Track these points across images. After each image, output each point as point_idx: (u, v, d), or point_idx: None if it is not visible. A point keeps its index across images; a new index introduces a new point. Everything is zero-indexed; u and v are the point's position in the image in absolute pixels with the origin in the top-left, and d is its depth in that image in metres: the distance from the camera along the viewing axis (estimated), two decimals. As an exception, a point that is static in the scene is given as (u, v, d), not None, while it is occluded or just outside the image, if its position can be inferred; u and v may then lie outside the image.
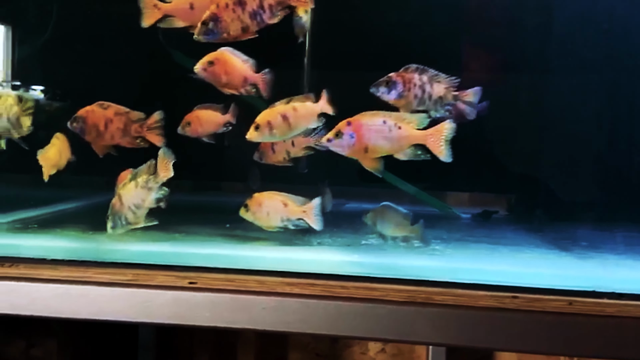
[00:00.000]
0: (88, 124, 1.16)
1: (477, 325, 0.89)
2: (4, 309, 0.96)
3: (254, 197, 1.14)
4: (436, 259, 1.05)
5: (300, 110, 1.11)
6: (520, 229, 1.40)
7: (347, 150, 1.04)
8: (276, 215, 1.13)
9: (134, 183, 1.08)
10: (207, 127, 1.24)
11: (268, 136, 1.11)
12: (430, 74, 1.07)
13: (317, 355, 2.05)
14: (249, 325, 0.95)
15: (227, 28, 1.02)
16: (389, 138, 1.03)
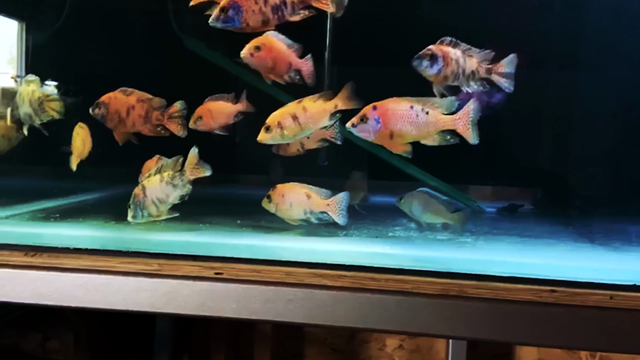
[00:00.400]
0: (110, 111, 1.14)
1: (514, 319, 0.86)
2: (28, 299, 0.95)
3: (276, 188, 1.12)
4: (468, 252, 1.02)
5: (311, 110, 1.07)
6: (548, 223, 1.36)
7: (372, 135, 1.01)
8: (299, 207, 1.10)
9: (159, 177, 1.07)
10: (219, 119, 1.21)
11: (279, 137, 1.08)
12: (463, 47, 1.04)
13: (333, 350, 2.03)
14: (276, 317, 0.93)
15: (248, 19, 1.00)
16: (416, 124, 1.00)
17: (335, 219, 1.08)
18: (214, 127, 1.21)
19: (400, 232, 1.15)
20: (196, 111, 1.21)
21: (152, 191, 1.07)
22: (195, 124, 1.20)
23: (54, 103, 1.14)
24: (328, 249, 1.04)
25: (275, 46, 1.08)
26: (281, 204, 1.11)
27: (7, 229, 1.09)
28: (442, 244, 1.07)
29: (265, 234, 1.12)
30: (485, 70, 1.03)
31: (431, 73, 1.02)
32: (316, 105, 1.07)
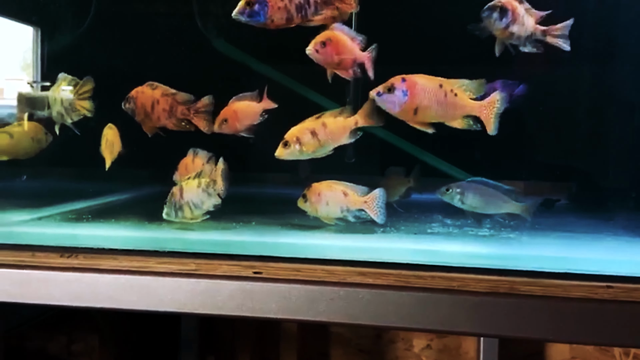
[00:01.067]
0: (137, 105, 1.14)
1: (568, 317, 0.82)
2: (64, 301, 0.93)
3: (312, 186, 1.09)
4: (514, 247, 0.98)
5: (331, 126, 1.05)
6: (587, 217, 1.32)
7: (396, 107, 0.97)
8: (335, 205, 1.07)
9: (197, 182, 1.07)
10: (245, 120, 1.17)
11: (297, 153, 1.06)
12: (525, 6, 1.00)
13: (359, 351, 2.00)
14: (318, 317, 0.90)
15: (273, 15, 0.98)
16: (443, 103, 0.97)
17: (373, 216, 1.06)
18: (240, 129, 1.18)
19: (439, 228, 1.12)
20: (221, 114, 1.17)
21: (189, 194, 1.07)
22: (220, 127, 1.16)
23: (85, 102, 1.13)
24: (367, 247, 1.02)
25: (341, 41, 1.04)
26: (317, 202, 1.08)
27: (40, 230, 1.07)
28: (486, 239, 1.04)
29: (302, 232, 1.09)
30: (542, 32, 1.00)
31: (498, 27, 0.98)
32: (336, 121, 1.05)
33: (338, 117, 1.05)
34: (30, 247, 0.98)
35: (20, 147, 1.20)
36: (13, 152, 1.19)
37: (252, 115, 1.17)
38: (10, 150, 1.18)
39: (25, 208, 1.16)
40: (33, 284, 0.94)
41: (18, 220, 1.11)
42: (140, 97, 1.15)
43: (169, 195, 1.08)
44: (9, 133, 1.19)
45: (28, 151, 1.23)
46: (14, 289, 0.94)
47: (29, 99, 1.42)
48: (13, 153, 1.19)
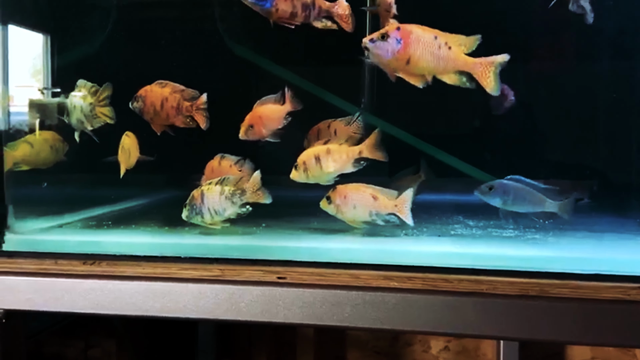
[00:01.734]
0: (146, 103, 1.14)
1: (600, 319, 0.81)
2: (89, 309, 0.93)
3: (337, 188, 1.06)
4: (541, 249, 0.97)
5: (334, 154, 1.04)
6: (611, 216, 1.30)
7: (389, 55, 0.95)
8: (364, 209, 1.05)
9: (220, 189, 1.06)
10: (270, 125, 1.14)
11: (305, 177, 1.06)
12: None
13: (376, 353, 1.99)
14: (344, 322, 0.89)
15: (279, 3, 0.99)
16: (436, 55, 0.94)
17: (405, 219, 1.02)
18: (266, 134, 1.14)
19: (462, 230, 1.11)
20: (246, 120, 1.15)
21: (210, 200, 1.06)
22: (246, 134, 1.13)
23: (105, 109, 1.12)
24: (391, 249, 1.00)
25: None
26: (343, 205, 1.06)
27: (62, 237, 1.07)
28: (511, 241, 1.02)
29: (324, 235, 1.08)
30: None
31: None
32: (340, 149, 1.04)
33: (343, 145, 1.05)
34: (53, 255, 0.98)
35: (40, 156, 1.20)
36: (33, 161, 1.19)
37: (277, 119, 1.14)
38: (30, 160, 1.18)
39: (46, 215, 1.16)
40: (56, 292, 0.94)
41: (40, 228, 1.11)
42: (149, 96, 1.14)
43: (189, 198, 1.07)
44: (29, 143, 1.19)
45: (47, 160, 1.23)
46: (37, 298, 0.94)
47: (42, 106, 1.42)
48: (33, 162, 1.19)
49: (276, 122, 1.14)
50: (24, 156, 1.16)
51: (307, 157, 1.05)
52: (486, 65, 0.94)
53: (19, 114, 1.38)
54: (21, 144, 1.18)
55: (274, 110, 1.14)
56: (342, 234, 1.08)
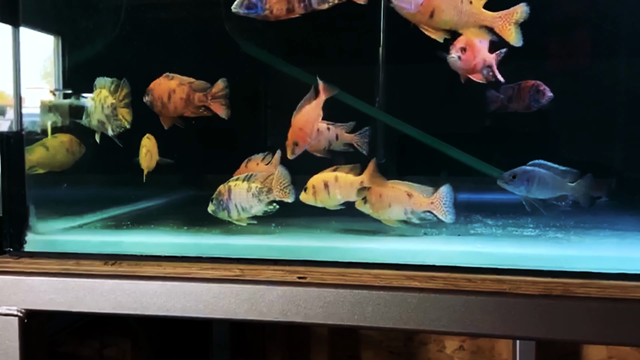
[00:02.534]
0: (154, 97, 1.14)
1: (627, 319, 0.79)
2: (108, 309, 0.93)
3: (372, 187, 1.06)
4: (564, 248, 0.96)
5: (340, 182, 1.05)
6: (632, 214, 1.28)
7: (412, 7, 0.95)
8: (399, 207, 1.04)
9: (247, 186, 1.06)
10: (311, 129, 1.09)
11: (313, 201, 1.06)
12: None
13: (390, 353, 1.98)
14: (365, 322, 0.88)
15: (272, 6, 0.95)
16: (459, 9, 0.96)
17: (441, 217, 1.01)
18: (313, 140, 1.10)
19: (481, 228, 1.10)
20: (288, 138, 1.10)
21: (236, 197, 1.06)
22: (294, 152, 1.09)
23: (125, 110, 1.13)
24: (410, 249, 0.99)
25: (476, 45, 1.03)
26: (378, 204, 1.04)
27: (83, 238, 1.08)
28: (532, 240, 1.01)
29: (345, 235, 1.08)
30: None
31: None
32: (346, 177, 1.05)
33: (349, 174, 1.05)
34: (74, 255, 0.98)
35: (56, 159, 1.21)
36: (49, 164, 1.19)
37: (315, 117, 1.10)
38: (46, 163, 1.18)
39: (66, 216, 1.17)
40: (78, 292, 0.94)
41: (61, 229, 1.11)
42: (157, 89, 1.15)
43: (215, 193, 1.08)
44: (44, 146, 1.19)
45: (63, 163, 1.23)
46: (59, 298, 0.94)
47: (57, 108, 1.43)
48: (49, 165, 1.19)
49: (315, 121, 1.10)
50: (39, 159, 1.17)
51: (316, 181, 1.06)
52: (506, 17, 0.95)
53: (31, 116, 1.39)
54: (37, 147, 1.18)
55: (309, 112, 1.10)
56: (363, 233, 1.07)
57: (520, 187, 1.03)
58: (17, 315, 0.94)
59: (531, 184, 1.03)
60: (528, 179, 1.02)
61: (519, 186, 1.03)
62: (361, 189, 1.05)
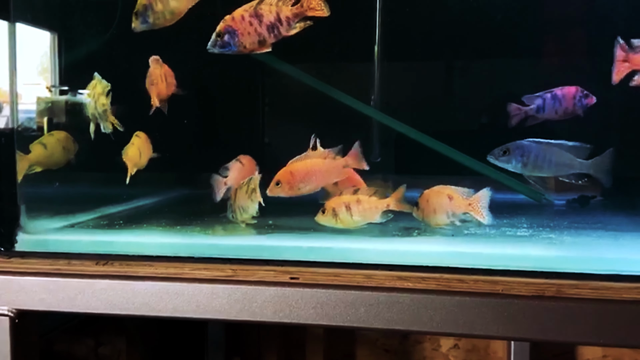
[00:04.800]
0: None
1: (620, 320, 0.79)
2: (102, 309, 0.92)
3: (423, 193, 1.06)
4: (557, 248, 0.95)
5: (364, 204, 1.04)
6: (626, 214, 1.28)
7: None
8: (442, 211, 1.04)
9: (245, 189, 1.10)
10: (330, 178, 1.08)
11: (334, 222, 1.05)
12: None
13: (386, 351, 1.98)
14: (358, 323, 0.88)
15: (244, 41, 0.97)
16: None
17: (479, 218, 1.01)
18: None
19: (475, 229, 1.09)
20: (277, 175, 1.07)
21: (239, 199, 1.11)
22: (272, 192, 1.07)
23: (112, 117, 1.12)
24: (404, 250, 0.99)
25: None
26: (427, 209, 1.05)
27: (75, 237, 1.07)
28: (526, 240, 1.01)
29: (337, 235, 1.07)
30: None
31: None
32: (369, 201, 1.04)
33: (372, 197, 1.04)
34: (66, 255, 0.98)
35: (53, 157, 1.20)
36: (47, 162, 1.18)
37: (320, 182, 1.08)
38: (44, 161, 1.18)
39: (58, 215, 1.16)
40: (69, 292, 0.93)
41: (52, 228, 1.11)
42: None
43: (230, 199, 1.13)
44: (43, 144, 1.18)
45: (59, 161, 1.22)
46: (50, 298, 0.94)
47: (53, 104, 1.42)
48: (46, 164, 1.18)
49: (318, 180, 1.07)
50: (38, 158, 1.16)
51: (336, 204, 1.04)
52: None
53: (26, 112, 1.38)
54: (35, 145, 1.18)
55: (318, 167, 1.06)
56: (355, 234, 1.07)
57: (512, 162, 0.97)
58: (8, 315, 0.94)
59: (527, 159, 0.96)
60: (522, 154, 0.95)
61: (511, 161, 0.97)
62: (386, 211, 1.05)
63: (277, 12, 0.97)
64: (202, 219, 1.17)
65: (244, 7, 0.97)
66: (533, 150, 0.95)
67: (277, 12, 0.97)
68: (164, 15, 1.04)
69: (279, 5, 0.97)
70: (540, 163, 0.96)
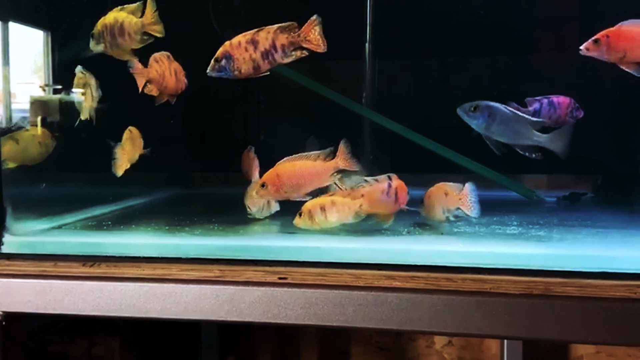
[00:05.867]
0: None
1: (606, 318, 0.79)
2: (88, 311, 0.92)
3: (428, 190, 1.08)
4: (546, 246, 0.95)
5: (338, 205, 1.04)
6: (616, 212, 1.28)
7: None
8: (439, 206, 1.06)
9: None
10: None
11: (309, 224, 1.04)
12: None
13: (380, 348, 1.98)
14: (346, 323, 0.88)
15: (239, 66, 1.00)
16: None
17: (468, 211, 1.02)
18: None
19: (465, 227, 1.09)
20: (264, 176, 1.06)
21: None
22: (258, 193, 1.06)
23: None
24: (393, 249, 0.99)
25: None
26: (429, 206, 1.06)
27: (62, 239, 1.06)
28: (515, 238, 1.01)
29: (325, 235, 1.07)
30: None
31: None
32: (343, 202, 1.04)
33: (346, 198, 1.04)
34: (52, 257, 0.97)
35: (27, 153, 1.18)
36: (20, 157, 1.16)
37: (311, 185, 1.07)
38: (16, 157, 1.15)
39: (45, 216, 1.15)
40: (56, 294, 0.93)
41: (39, 230, 1.10)
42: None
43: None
44: (15, 139, 1.16)
45: (35, 157, 1.20)
46: (37, 300, 0.93)
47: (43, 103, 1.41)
48: (20, 159, 1.16)
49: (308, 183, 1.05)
50: (9, 153, 1.14)
51: (312, 206, 1.04)
52: None
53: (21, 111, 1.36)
54: (6, 140, 1.16)
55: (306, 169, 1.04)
56: (343, 233, 1.07)
57: (479, 120, 0.97)
58: (-5, 318, 0.93)
59: (492, 120, 0.97)
60: (490, 114, 0.96)
61: (478, 119, 0.98)
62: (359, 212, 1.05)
63: (272, 40, 0.99)
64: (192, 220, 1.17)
65: (245, 33, 1.00)
66: (499, 114, 0.96)
67: (272, 40, 0.99)
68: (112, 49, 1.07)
69: (276, 33, 0.99)
70: (503, 128, 0.97)
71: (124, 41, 1.08)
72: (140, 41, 1.08)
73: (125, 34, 1.07)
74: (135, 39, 1.08)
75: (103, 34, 1.07)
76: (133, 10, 1.08)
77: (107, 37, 1.07)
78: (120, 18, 1.07)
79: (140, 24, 1.08)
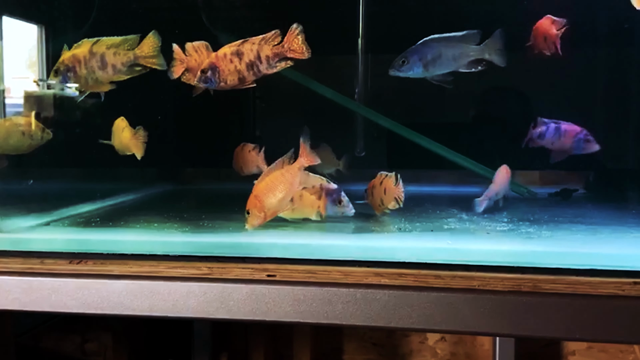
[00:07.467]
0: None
1: (594, 315, 0.79)
2: (74, 308, 0.91)
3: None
4: (535, 243, 0.95)
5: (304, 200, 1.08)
6: (607, 208, 1.28)
7: None
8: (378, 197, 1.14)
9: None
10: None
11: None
12: None
13: (373, 345, 1.98)
14: (335, 320, 0.87)
15: (225, 77, 1.02)
16: None
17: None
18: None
19: (455, 223, 1.09)
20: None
21: None
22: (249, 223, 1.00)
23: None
24: (383, 246, 0.99)
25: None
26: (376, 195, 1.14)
27: (49, 236, 1.05)
28: (504, 235, 1.01)
29: (314, 232, 1.07)
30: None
31: None
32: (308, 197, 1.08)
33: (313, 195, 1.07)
34: (39, 254, 0.96)
35: (9, 142, 1.15)
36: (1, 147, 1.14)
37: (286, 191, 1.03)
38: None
39: (32, 213, 1.14)
40: (43, 292, 0.92)
41: (26, 227, 1.09)
42: None
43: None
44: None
45: (18, 147, 1.17)
46: (24, 297, 0.92)
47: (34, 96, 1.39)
48: (1, 148, 1.14)
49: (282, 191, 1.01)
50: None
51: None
52: None
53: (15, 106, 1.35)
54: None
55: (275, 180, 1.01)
56: (333, 230, 1.06)
57: (414, 69, 0.94)
58: (-19, 316, 0.93)
59: (426, 62, 0.94)
60: (420, 58, 0.93)
61: (412, 69, 0.95)
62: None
63: (257, 51, 1.00)
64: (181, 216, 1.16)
65: (230, 44, 1.02)
66: (429, 51, 0.94)
67: (257, 51, 1.00)
68: (86, 81, 1.07)
69: (260, 44, 1.01)
70: (439, 61, 0.95)
71: (105, 73, 1.07)
72: (126, 73, 1.08)
73: (109, 66, 1.07)
74: (120, 70, 1.07)
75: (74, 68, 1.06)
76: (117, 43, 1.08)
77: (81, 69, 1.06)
78: (99, 50, 1.07)
79: (131, 56, 1.07)
